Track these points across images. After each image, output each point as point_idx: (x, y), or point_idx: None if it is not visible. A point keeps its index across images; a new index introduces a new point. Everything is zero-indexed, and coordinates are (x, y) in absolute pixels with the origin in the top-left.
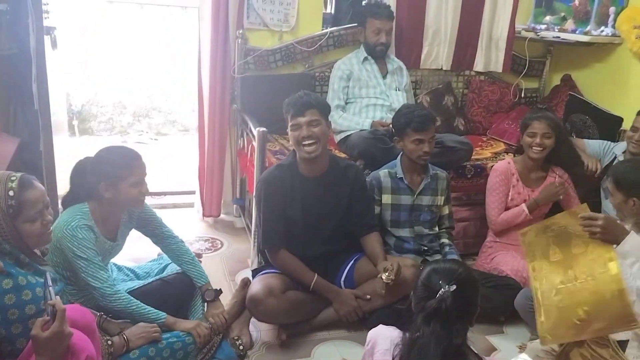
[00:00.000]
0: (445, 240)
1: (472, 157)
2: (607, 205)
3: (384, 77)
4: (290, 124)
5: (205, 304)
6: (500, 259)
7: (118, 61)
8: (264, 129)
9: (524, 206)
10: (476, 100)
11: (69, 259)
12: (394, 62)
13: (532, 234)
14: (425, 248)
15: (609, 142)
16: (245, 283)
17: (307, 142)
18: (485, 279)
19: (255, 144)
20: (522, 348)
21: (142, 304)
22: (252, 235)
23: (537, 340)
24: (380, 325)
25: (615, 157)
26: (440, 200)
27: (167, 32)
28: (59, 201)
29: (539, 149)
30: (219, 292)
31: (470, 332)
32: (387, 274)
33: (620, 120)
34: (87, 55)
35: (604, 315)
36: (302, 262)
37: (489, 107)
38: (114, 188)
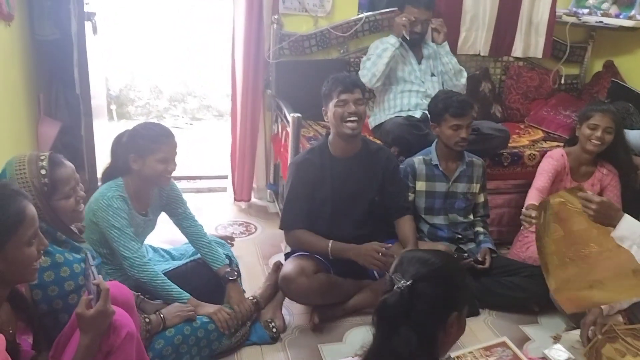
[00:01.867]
0: (479, 229)
1: (509, 144)
2: None
3: (419, 62)
4: (335, 100)
5: (231, 285)
6: (535, 248)
7: (154, 46)
8: (299, 114)
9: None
10: (514, 86)
11: (103, 230)
12: (430, 47)
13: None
14: (460, 236)
15: None
16: (278, 266)
17: (352, 119)
18: (520, 268)
19: (289, 129)
20: (556, 339)
21: (168, 282)
22: None
23: (573, 332)
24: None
25: None
26: (476, 187)
27: (202, 16)
28: (99, 183)
29: (598, 142)
30: (239, 274)
31: (504, 321)
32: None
33: None
34: (124, 40)
35: (618, 286)
36: (312, 232)
37: (528, 93)
38: (142, 160)
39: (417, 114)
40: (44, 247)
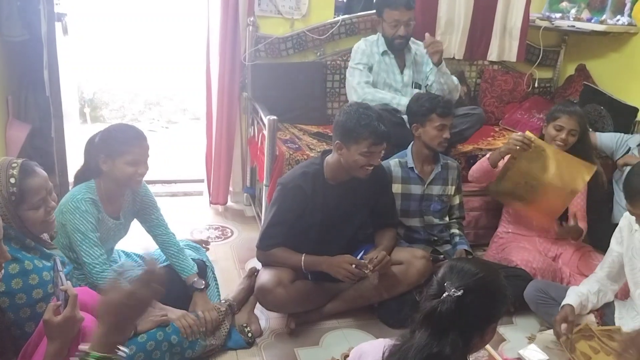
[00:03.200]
0: (455, 231)
1: (484, 147)
2: (620, 196)
3: (401, 72)
4: (363, 149)
5: (198, 294)
6: (511, 249)
7: (129, 49)
8: (274, 117)
9: (487, 156)
10: (489, 90)
11: (69, 232)
12: (411, 54)
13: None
14: (435, 238)
15: (623, 134)
16: (253, 272)
17: (370, 169)
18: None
19: (265, 132)
20: (531, 339)
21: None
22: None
23: (547, 332)
24: (365, 343)
25: (629, 149)
26: (451, 190)
27: (178, 19)
28: (70, 187)
29: (561, 144)
30: (207, 285)
31: None
32: (367, 261)
33: (635, 110)
34: (98, 42)
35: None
36: (286, 248)
37: (502, 97)
38: (111, 162)
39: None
40: (3, 260)
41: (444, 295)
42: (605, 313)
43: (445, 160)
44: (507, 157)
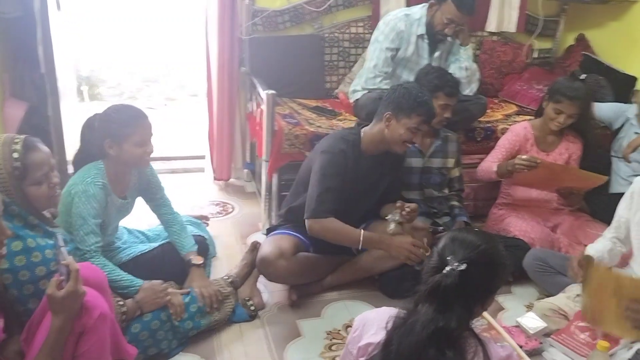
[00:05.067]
0: (455, 203)
1: (483, 119)
2: (618, 166)
3: (430, 55)
4: (411, 124)
5: (194, 269)
6: (510, 220)
7: (126, 26)
8: (273, 91)
9: (494, 166)
10: (488, 61)
11: (72, 214)
12: (445, 44)
13: None
14: (435, 210)
15: (622, 104)
16: (255, 246)
17: (409, 145)
18: None
19: (264, 107)
20: (529, 307)
21: (118, 271)
22: (263, 199)
23: (545, 299)
24: (369, 311)
25: (627, 120)
26: (451, 162)
27: None
28: (68, 166)
29: (559, 125)
30: (205, 262)
31: None
32: (397, 211)
33: (634, 80)
34: (96, 20)
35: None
36: (339, 221)
37: (501, 68)
38: (118, 146)
39: None
40: (4, 237)
41: (447, 269)
42: None
43: (445, 133)
44: None
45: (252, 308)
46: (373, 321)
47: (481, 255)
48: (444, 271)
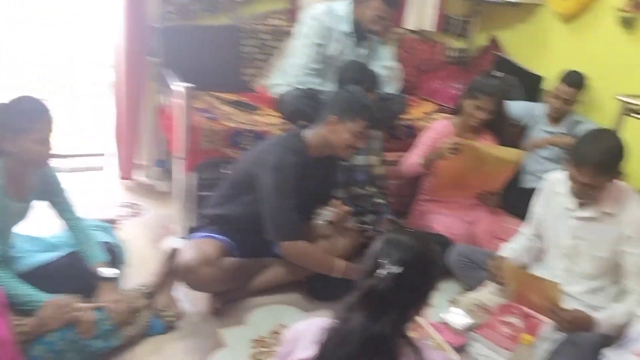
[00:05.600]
0: (379, 200)
1: (404, 117)
2: (528, 162)
3: (354, 53)
4: (357, 129)
5: (103, 283)
6: (432, 216)
7: (25, 14)
8: (191, 85)
9: (419, 159)
10: (408, 59)
11: None
12: (371, 43)
13: None
14: (360, 208)
15: (532, 103)
16: (174, 253)
17: (353, 151)
18: None
19: (178, 101)
20: (453, 302)
21: (19, 283)
22: (179, 200)
23: (469, 295)
24: (299, 323)
25: (536, 118)
26: (374, 160)
27: None
28: None
29: (478, 121)
30: (116, 276)
31: None
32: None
33: (540, 79)
34: None
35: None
36: (319, 249)
37: (420, 66)
38: (14, 141)
39: None
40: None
41: (382, 272)
42: None
43: None
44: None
45: (170, 319)
46: (304, 334)
47: (416, 257)
48: (378, 275)
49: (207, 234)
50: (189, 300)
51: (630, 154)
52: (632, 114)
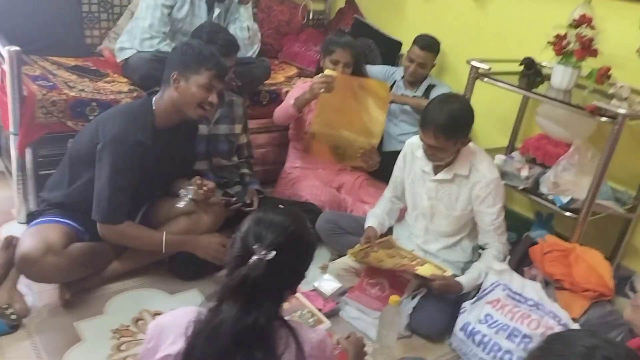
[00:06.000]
0: (245, 170)
1: (267, 82)
2: (388, 126)
3: (209, 11)
4: (204, 81)
5: None
6: (299, 184)
7: None
8: (17, 47)
9: (291, 100)
10: (266, 21)
11: None
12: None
13: None
14: (225, 180)
15: (390, 66)
16: (10, 242)
17: (207, 108)
18: (287, 206)
19: (5, 67)
20: (323, 269)
21: None
22: (15, 180)
23: (338, 260)
24: (163, 315)
25: (395, 82)
26: (238, 128)
27: None
28: None
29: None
30: None
31: None
32: (196, 186)
33: (399, 44)
34: None
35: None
36: (137, 224)
37: (279, 28)
38: None
39: None
40: None
41: (254, 258)
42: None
43: (230, 97)
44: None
45: (13, 317)
46: (169, 328)
47: (290, 238)
48: (250, 262)
49: (51, 219)
50: (35, 293)
51: (480, 116)
52: (481, 78)
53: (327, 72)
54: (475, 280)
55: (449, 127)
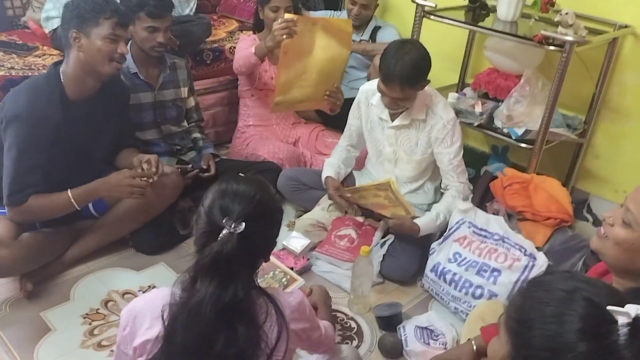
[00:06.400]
0: (197, 135)
1: (209, 39)
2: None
3: None
4: (106, 31)
5: None
6: (255, 143)
7: None
8: None
9: (252, 48)
10: None
11: None
12: None
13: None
14: (179, 147)
15: (333, 11)
16: None
17: (119, 63)
18: (247, 167)
19: None
20: (290, 226)
21: None
22: None
23: (304, 216)
24: (136, 300)
25: None
26: (184, 92)
27: None
28: None
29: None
30: None
31: None
32: (146, 165)
33: None
34: None
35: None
36: (42, 194)
37: None
38: None
39: None
40: None
41: (224, 232)
42: (347, 183)
43: (172, 60)
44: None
45: None
46: (144, 312)
47: (258, 207)
48: (220, 237)
49: None
50: None
51: (431, 54)
52: (428, 16)
53: (286, 15)
54: (433, 221)
55: (413, 77)
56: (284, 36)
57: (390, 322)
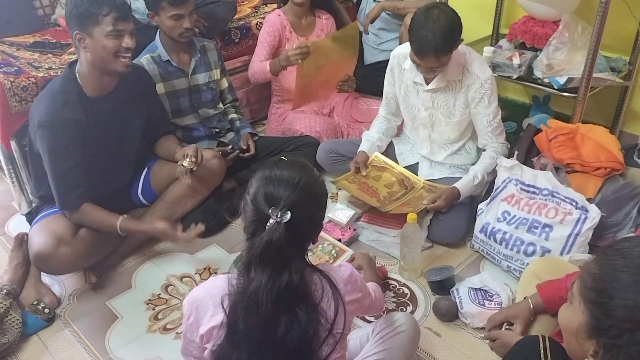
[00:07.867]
0: (233, 115)
1: (235, 17)
2: (366, 36)
3: None
4: (108, 28)
5: None
6: (291, 118)
7: None
8: None
9: (267, 66)
10: None
11: None
12: None
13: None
14: (217, 129)
15: None
16: (22, 239)
17: (127, 54)
18: (285, 143)
19: None
20: (333, 198)
21: None
22: (7, 174)
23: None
24: (195, 290)
25: None
26: (217, 73)
27: None
28: None
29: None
30: None
31: None
32: (187, 159)
33: None
34: None
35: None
36: (102, 209)
37: None
38: None
39: None
40: None
41: (271, 222)
42: (387, 152)
43: (201, 44)
44: None
45: (46, 310)
46: (206, 300)
47: (303, 193)
48: (268, 226)
49: (50, 211)
50: (60, 282)
51: (459, 9)
52: None
53: (300, 43)
54: (471, 182)
55: (447, 44)
56: (299, 60)
57: (442, 286)
